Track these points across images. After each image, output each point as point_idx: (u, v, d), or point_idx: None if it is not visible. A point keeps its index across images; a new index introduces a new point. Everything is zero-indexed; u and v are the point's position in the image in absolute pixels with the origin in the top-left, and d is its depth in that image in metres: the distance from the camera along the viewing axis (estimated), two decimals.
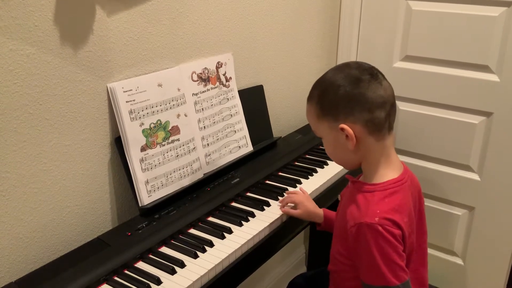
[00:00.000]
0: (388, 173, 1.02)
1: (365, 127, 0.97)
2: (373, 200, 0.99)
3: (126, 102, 1.18)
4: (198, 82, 1.39)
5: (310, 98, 1.06)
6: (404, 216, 0.97)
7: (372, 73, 0.99)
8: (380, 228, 0.93)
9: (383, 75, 1.01)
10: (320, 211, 1.29)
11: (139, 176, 1.20)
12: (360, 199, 1.01)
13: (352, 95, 0.97)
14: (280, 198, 1.33)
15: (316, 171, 1.51)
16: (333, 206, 1.39)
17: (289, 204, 1.28)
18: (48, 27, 1.01)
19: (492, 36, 1.65)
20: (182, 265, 1.04)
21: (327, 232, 1.31)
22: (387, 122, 0.99)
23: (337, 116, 0.99)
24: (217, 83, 1.45)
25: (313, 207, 1.29)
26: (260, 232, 1.18)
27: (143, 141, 1.22)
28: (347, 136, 0.98)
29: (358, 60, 2.02)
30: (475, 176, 1.85)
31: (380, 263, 0.93)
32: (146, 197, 1.21)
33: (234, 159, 1.49)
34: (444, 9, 1.74)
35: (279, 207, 1.28)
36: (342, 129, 0.98)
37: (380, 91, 0.97)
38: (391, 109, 1.00)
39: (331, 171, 1.52)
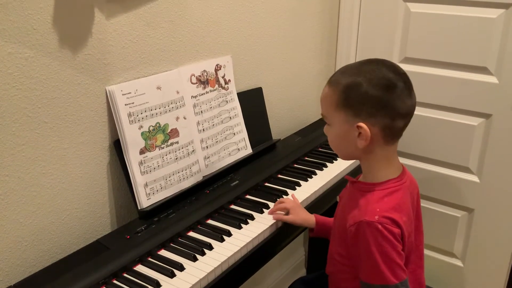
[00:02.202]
0: (388, 173, 1.02)
1: (382, 131, 0.97)
2: (372, 199, 0.99)
3: (125, 105, 1.18)
4: (197, 84, 1.39)
5: (334, 83, 1.01)
6: (403, 215, 0.98)
7: (405, 81, 0.97)
8: (379, 226, 0.93)
9: (411, 84, 0.99)
10: (312, 217, 1.29)
11: (138, 179, 1.20)
12: (359, 199, 1.01)
13: (382, 99, 0.95)
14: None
15: (315, 173, 1.51)
16: (333, 208, 1.40)
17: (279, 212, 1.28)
18: (47, 30, 1.01)
19: (491, 38, 1.65)
20: (181, 268, 1.04)
21: (328, 239, 1.31)
22: (402, 131, 1.00)
23: (359, 113, 0.96)
24: (216, 86, 1.45)
25: (304, 213, 1.29)
26: (259, 234, 1.18)
27: (142, 144, 1.22)
28: (359, 134, 0.97)
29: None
30: (474, 178, 1.85)
31: (379, 261, 0.93)
32: (145, 200, 1.21)
33: (233, 162, 1.49)
34: (443, 11, 1.74)
35: (271, 216, 1.26)
36: (359, 127, 0.96)
37: (408, 102, 0.97)
38: (409, 120, 1.00)
39: (330, 173, 1.52)
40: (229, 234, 1.17)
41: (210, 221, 1.24)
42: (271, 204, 1.31)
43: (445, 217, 1.95)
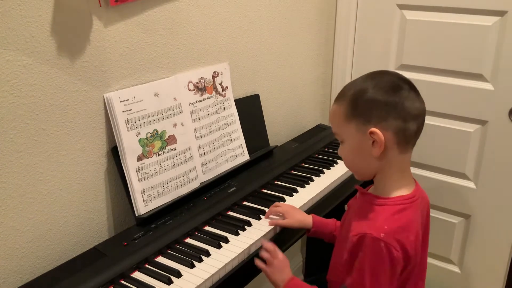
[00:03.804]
0: (400, 189, 1.01)
1: (395, 136, 0.95)
2: (382, 214, 0.97)
3: (123, 111, 1.19)
4: (194, 91, 1.40)
5: (340, 97, 1.01)
6: (411, 235, 0.96)
7: (410, 85, 0.98)
8: (382, 244, 0.92)
9: (417, 89, 1.00)
10: (309, 218, 1.29)
11: (135, 185, 1.20)
12: (369, 212, 1.00)
13: (390, 101, 0.94)
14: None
15: (312, 180, 1.51)
16: (330, 214, 1.40)
17: (273, 216, 1.28)
18: (45, 38, 1.02)
19: (486, 45, 1.67)
20: (178, 275, 1.04)
21: (324, 240, 1.31)
22: (415, 136, 0.99)
23: (369, 119, 0.95)
24: (214, 93, 1.46)
25: (300, 214, 1.28)
26: (257, 241, 1.18)
27: (139, 150, 1.22)
28: (373, 142, 0.95)
29: (354, 68, 2.04)
30: (470, 184, 1.86)
31: (367, 279, 0.93)
32: (142, 207, 1.21)
33: (230, 168, 1.49)
34: (438, 19, 1.75)
35: (267, 221, 1.26)
36: (372, 133, 0.94)
37: (416, 103, 0.96)
38: (421, 125, 0.99)
39: (327, 179, 1.52)
40: (226, 240, 1.17)
41: (207, 228, 1.24)
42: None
43: (442, 223, 1.96)
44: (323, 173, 1.57)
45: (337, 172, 1.57)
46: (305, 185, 1.48)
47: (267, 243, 1.16)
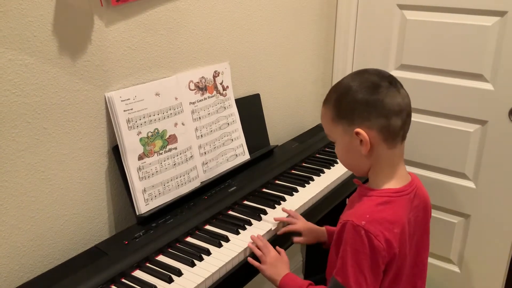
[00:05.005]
0: (388, 182, 1.02)
1: (380, 133, 0.97)
2: (367, 203, 1.00)
3: (124, 111, 1.19)
4: (195, 91, 1.40)
5: (326, 101, 1.05)
6: (395, 227, 0.97)
7: (391, 81, 0.99)
8: (363, 232, 0.93)
9: (401, 84, 1.01)
10: (323, 230, 1.30)
11: (136, 184, 1.21)
12: (357, 202, 1.02)
13: (370, 100, 0.96)
14: (277, 206, 1.34)
15: (312, 179, 1.51)
16: (330, 214, 1.40)
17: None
18: (47, 37, 1.02)
19: (486, 46, 1.67)
20: (179, 273, 1.05)
21: None
22: (401, 130, 0.99)
23: (353, 120, 0.98)
24: (214, 92, 1.46)
25: (316, 230, 1.30)
26: None
27: (140, 149, 1.22)
28: (361, 141, 0.98)
29: (354, 68, 2.04)
30: (470, 184, 1.86)
31: (348, 263, 0.95)
32: (143, 206, 1.22)
33: (231, 167, 1.50)
34: (438, 19, 1.76)
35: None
36: (357, 133, 0.97)
37: (398, 98, 0.97)
38: (407, 118, 1.00)
39: (327, 179, 1.53)
40: (226, 239, 1.17)
41: (208, 227, 1.24)
42: (268, 210, 1.31)
43: (441, 223, 1.96)
44: (323, 172, 1.57)
45: (337, 171, 1.58)
46: (306, 185, 1.48)
47: (258, 239, 1.18)
